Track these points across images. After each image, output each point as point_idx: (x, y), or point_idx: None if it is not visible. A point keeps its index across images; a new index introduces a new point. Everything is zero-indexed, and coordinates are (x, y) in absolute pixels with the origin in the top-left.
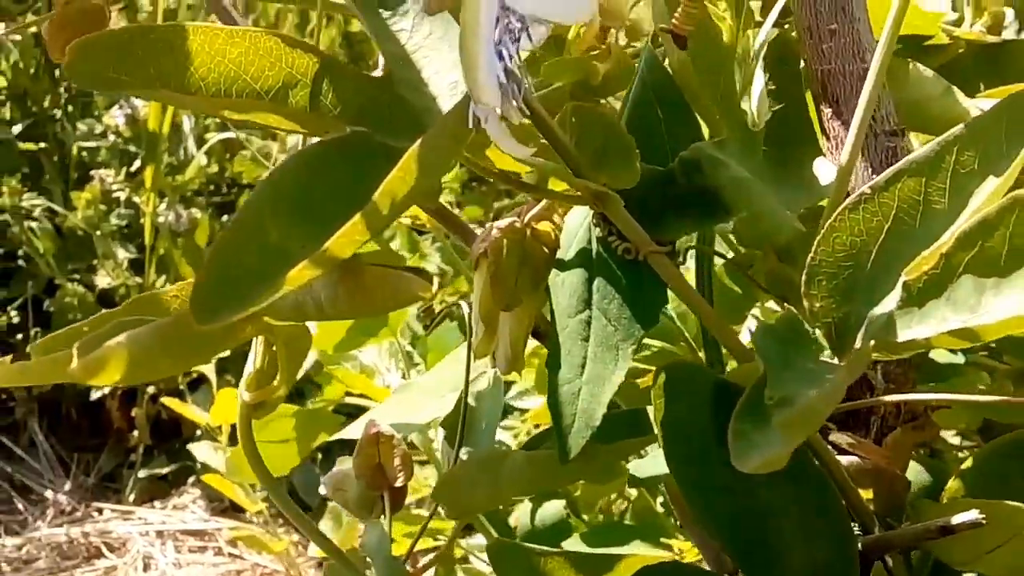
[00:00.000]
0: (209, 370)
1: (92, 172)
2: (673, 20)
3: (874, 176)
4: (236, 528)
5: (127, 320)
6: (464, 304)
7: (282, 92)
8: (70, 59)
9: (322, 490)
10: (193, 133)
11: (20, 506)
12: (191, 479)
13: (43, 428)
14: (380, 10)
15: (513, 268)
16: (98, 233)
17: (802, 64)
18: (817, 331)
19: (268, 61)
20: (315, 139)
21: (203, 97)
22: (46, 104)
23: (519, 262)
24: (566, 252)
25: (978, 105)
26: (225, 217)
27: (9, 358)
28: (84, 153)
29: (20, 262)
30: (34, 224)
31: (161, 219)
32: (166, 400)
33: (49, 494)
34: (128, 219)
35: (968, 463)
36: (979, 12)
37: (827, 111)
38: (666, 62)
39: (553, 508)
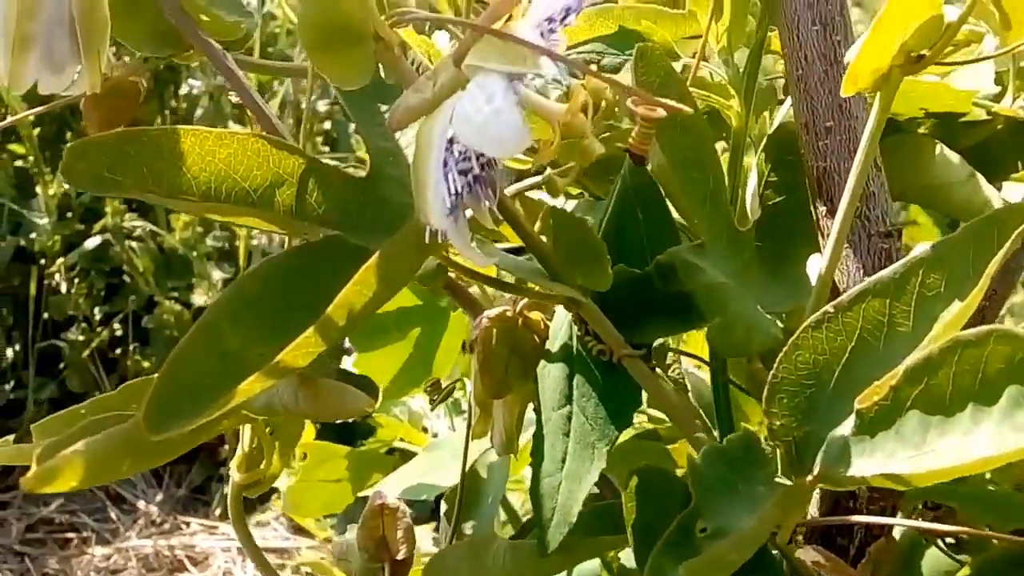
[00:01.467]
0: None
1: None
2: (630, 139)
3: (865, 278)
4: (312, 548)
5: (96, 420)
6: (467, 380)
7: (269, 191)
8: (67, 162)
9: None
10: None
11: (113, 515)
12: (274, 496)
13: None
14: (377, 104)
15: (503, 358)
16: (195, 254)
17: None
18: (778, 449)
19: (256, 161)
20: None
21: (194, 197)
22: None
23: (509, 351)
24: (553, 344)
25: (1002, 194)
26: None
27: (12, 437)
28: None
29: (125, 277)
30: (135, 244)
31: (255, 242)
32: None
33: (141, 504)
34: (224, 240)
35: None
36: (1022, 87)
37: (822, 209)
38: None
39: None
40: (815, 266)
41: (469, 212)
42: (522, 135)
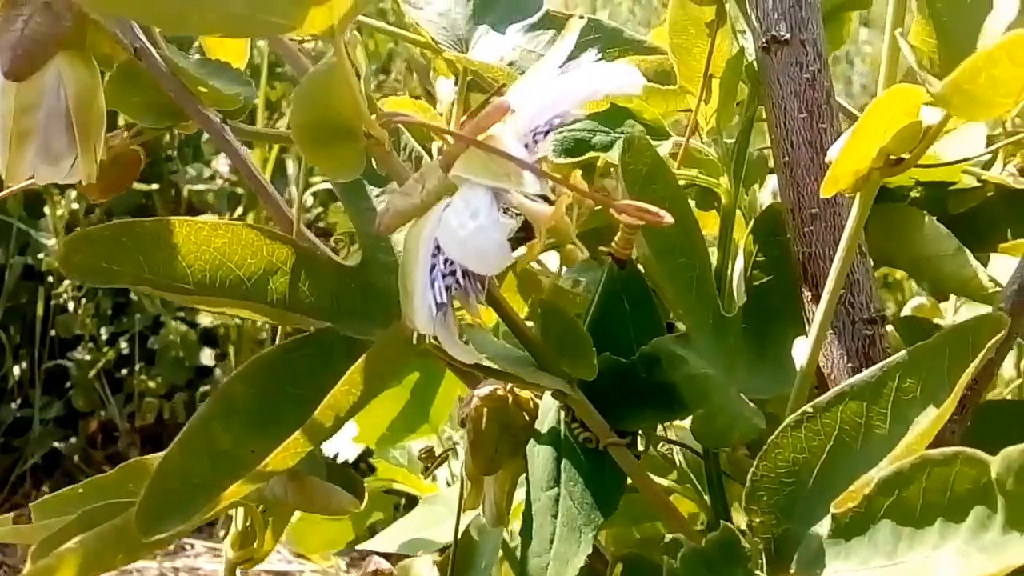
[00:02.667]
0: None
1: (200, 217)
2: (613, 244)
3: (849, 364)
4: (315, 572)
5: (91, 511)
6: (460, 447)
7: (263, 279)
8: (64, 254)
9: None
10: (296, 178)
11: None
12: None
13: None
14: (369, 186)
15: (493, 436)
16: None
17: None
18: (759, 546)
19: (250, 250)
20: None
21: (189, 285)
22: (163, 144)
23: (500, 430)
24: (542, 424)
25: (991, 266)
26: None
27: (11, 516)
28: (194, 196)
29: (132, 296)
30: None
31: None
32: None
33: None
34: None
35: None
36: (1011, 153)
37: (807, 294)
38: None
39: None
40: (801, 350)
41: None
42: (504, 254)
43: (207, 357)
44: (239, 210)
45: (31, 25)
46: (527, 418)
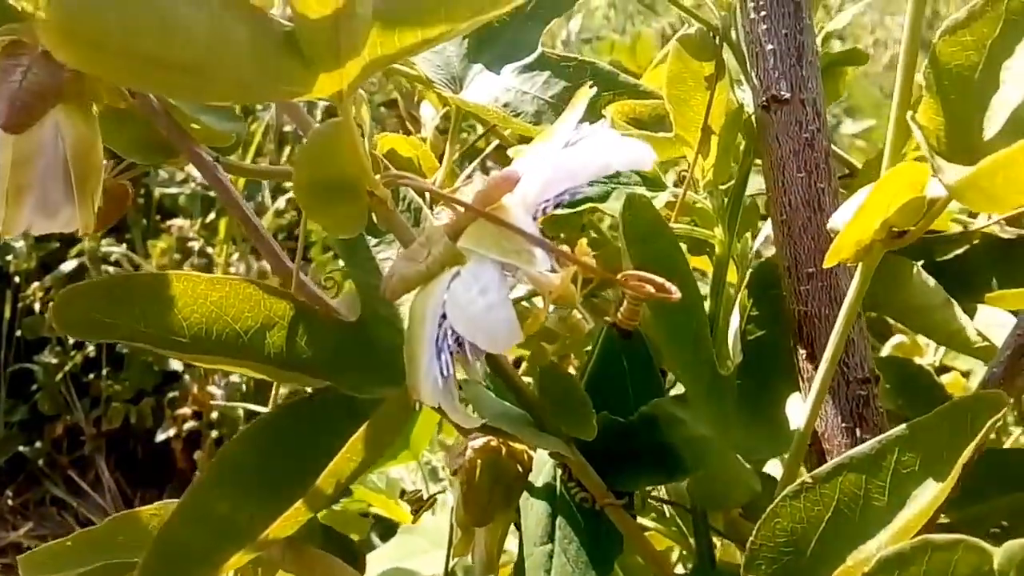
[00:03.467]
0: None
1: (170, 222)
2: (618, 315)
3: (844, 424)
4: None
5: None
6: (449, 493)
7: (260, 333)
8: (57, 308)
9: None
10: (270, 183)
11: None
12: None
13: (110, 465)
14: (367, 236)
15: (486, 487)
16: None
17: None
18: None
19: (248, 304)
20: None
21: (185, 338)
22: None
23: (493, 481)
24: (536, 478)
25: (978, 317)
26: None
27: None
28: (166, 199)
29: None
30: (111, 268)
31: (232, 269)
32: None
33: None
34: (201, 268)
35: None
36: None
37: (802, 352)
38: None
39: None
40: (795, 408)
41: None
42: (514, 332)
43: (176, 362)
44: (211, 215)
45: (29, 76)
46: (520, 469)
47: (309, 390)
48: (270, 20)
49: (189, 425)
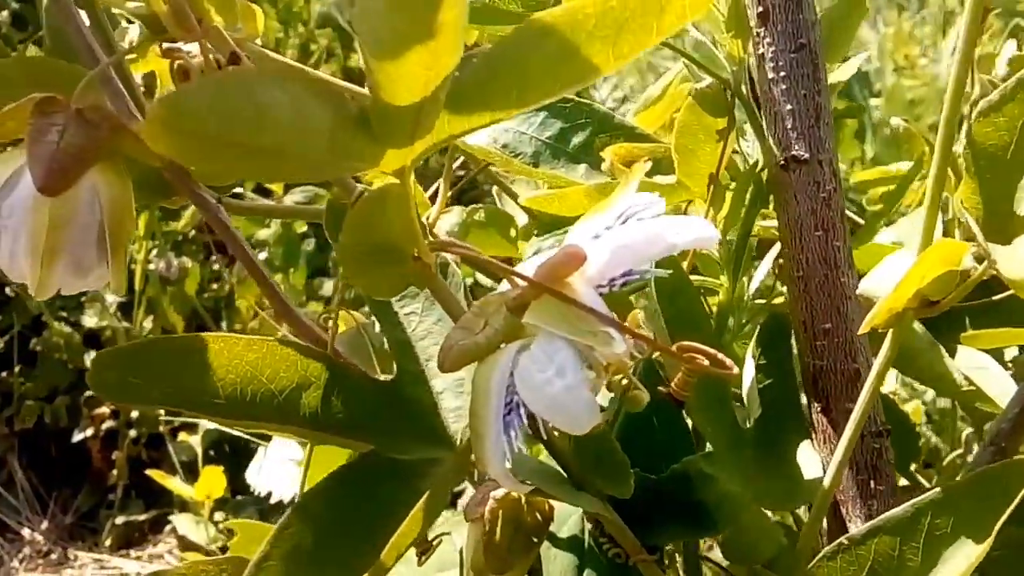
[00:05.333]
0: (195, 442)
1: None
2: (672, 386)
3: (859, 476)
4: None
5: None
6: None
7: (295, 393)
8: (92, 372)
9: None
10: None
11: None
12: (167, 527)
13: (23, 464)
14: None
15: (507, 537)
16: None
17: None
18: None
19: (284, 364)
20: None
21: (220, 399)
22: None
23: (513, 529)
24: (559, 529)
25: (960, 366)
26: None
27: None
28: None
29: (8, 292)
30: None
31: (152, 266)
32: (152, 472)
33: (26, 532)
34: None
35: None
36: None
37: (816, 405)
38: None
39: None
40: (808, 458)
41: None
42: (595, 414)
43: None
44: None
45: (66, 137)
46: (540, 519)
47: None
48: (345, 99)
49: (107, 424)
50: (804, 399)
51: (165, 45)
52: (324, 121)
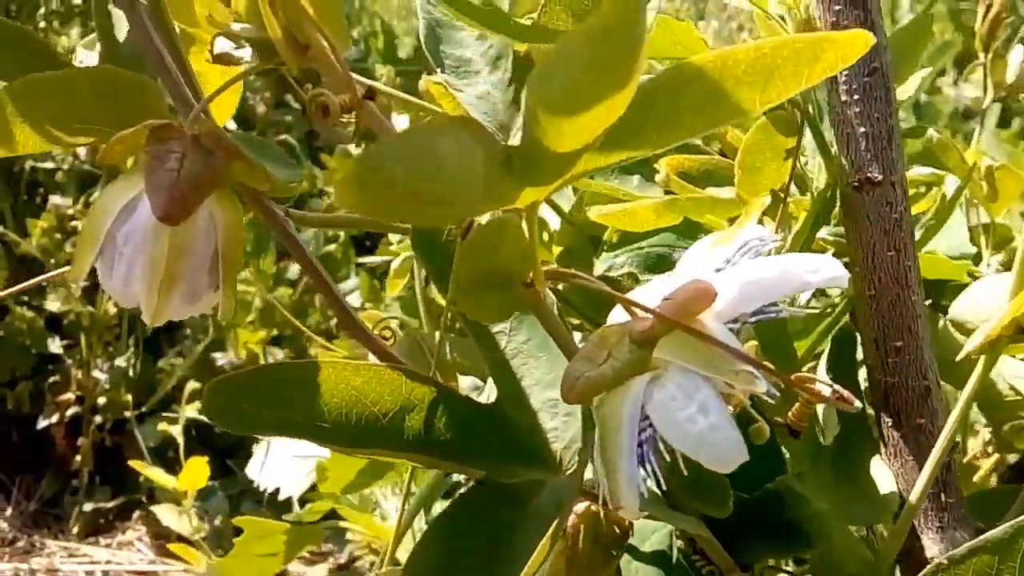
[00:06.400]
0: (176, 431)
1: (49, 197)
2: (790, 416)
3: (930, 490)
4: (182, 573)
5: None
6: None
7: (399, 415)
8: (207, 398)
9: None
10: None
11: None
12: (136, 513)
13: None
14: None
15: (587, 549)
16: (52, 261)
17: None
18: None
19: (388, 388)
20: None
21: (326, 423)
22: None
23: (592, 542)
24: (642, 543)
25: (1004, 375)
26: None
27: None
28: (39, 174)
29: None
30: None
31: None
32: (133, 463)
33: None
34: None
35: None
36: (996, 248)
37: (887, 420)
38: None
39: None
40: (880, 473)
41: None
42: (742, 452)
43: (55, 345)
44: (95, 192)
45: (186, 165)
46: (618, 531)
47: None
48: (495, 142)
49: (72, 411)
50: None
51: (216, 50)
52: (480, 165)
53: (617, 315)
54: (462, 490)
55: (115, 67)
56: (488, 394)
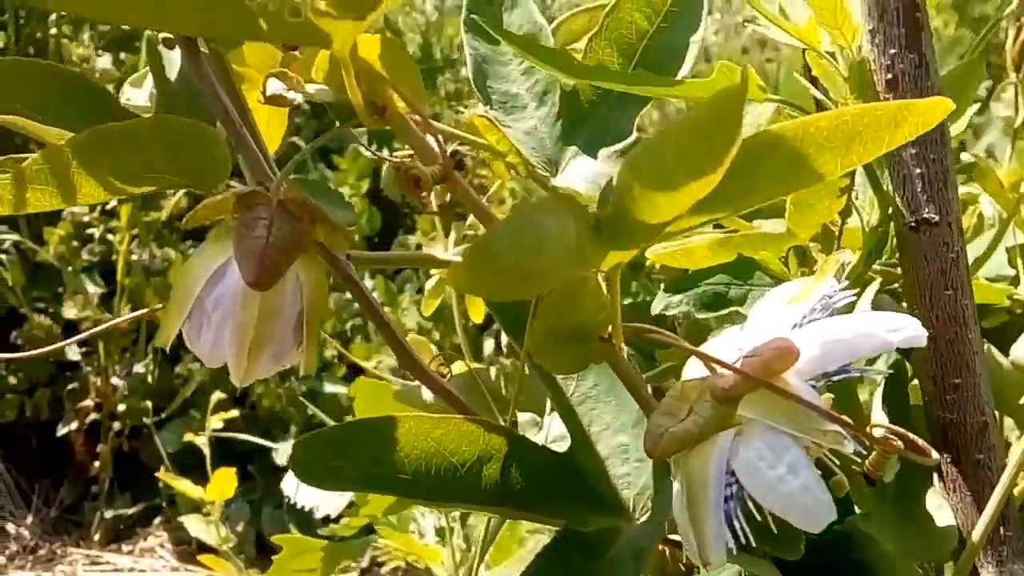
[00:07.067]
0: (202, 442)
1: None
2: (867, 465)
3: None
4: None
5: None
6: None
7: (477, 466)
8: (294, 454)
9: None
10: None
11: None
12: (157, 519)
13: (3, 458)
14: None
15: None
16: (70, 269)
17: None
18: None
19: (467, 440)
20: None
21: (407, 475)
22: None
23: None
24: None
25: None
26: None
27: None
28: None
29: None
30: (3, 256)
31: (135, 256)
32: (162, 475)
33: (11, 527)
34: (100, 254)
35: None
36: None
37: (946, 456)
38: None
39: None
40: (937, 507)
41: None
42: (832, 511)
43: (73, 352)
44: (112, 201)
45: (275, 232)
46: (682, 567)
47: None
48: (586, 212)
49: (91, 417)
50: None
51: (268, 92)
52: (574, 236)
53: (693, 368)
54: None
55: (176, 116)
56: (547, 431)
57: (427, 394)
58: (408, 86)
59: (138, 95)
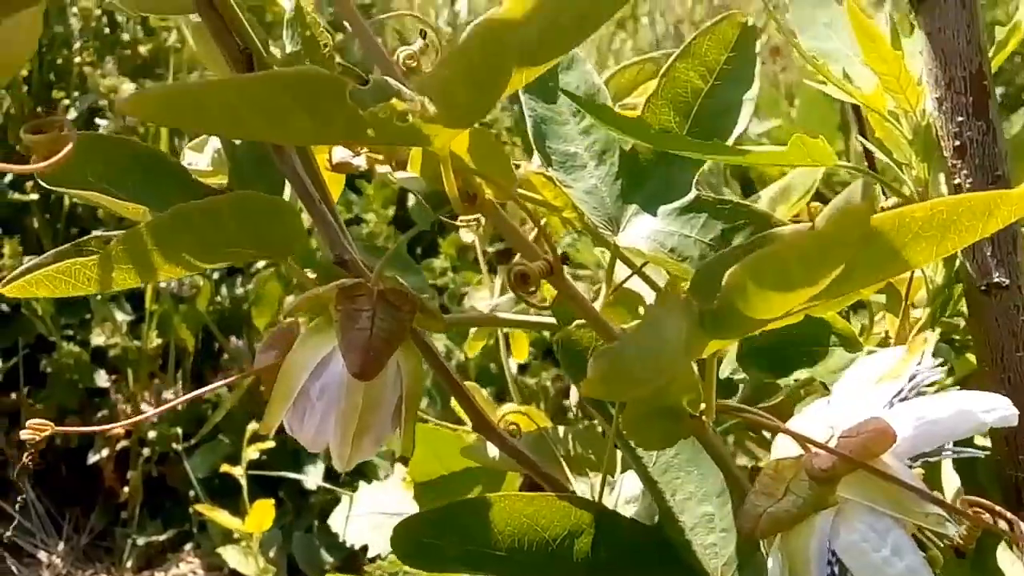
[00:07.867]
0: (238, 472)
1: (89, 231)
2: (957, 539)
3: None
4: None
5: None
6: None
7: (567, 540)
8: (395, 534)
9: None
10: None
11: (13, 568)
12: (188, 545)
13: (34, 486)
14: None
15: None
16: (98, 296)
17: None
18: None
19: (558, 515)
20: None
21: (501, 551)
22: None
23: None
24: None
25: None
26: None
27: None
28: (79, 208)
29: (4, 307)
30: None
31: (163, 284)
32: (200, 507)
33: (43, 555)
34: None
35: None
36: None
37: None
38: None
39: None
40: (1005, 560)
41: None
42: None
43: (102, 379)
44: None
45: (378, 323)
46: None
47: None
48: (694, 307)
49: (121, 444)
50: None
51: (336, 159)
52: (685, 334)
53: (782, 446)
54: None
55: (257, 193)
56: (619, 491)
57: (493, 450)
58: (500, 176)
59: (199, 159)
